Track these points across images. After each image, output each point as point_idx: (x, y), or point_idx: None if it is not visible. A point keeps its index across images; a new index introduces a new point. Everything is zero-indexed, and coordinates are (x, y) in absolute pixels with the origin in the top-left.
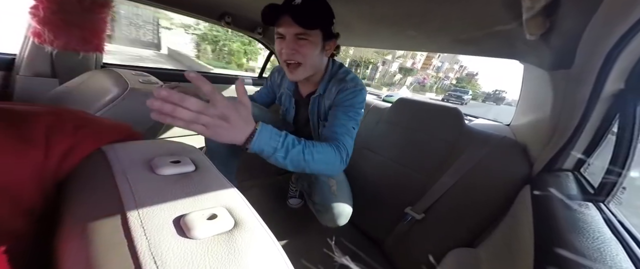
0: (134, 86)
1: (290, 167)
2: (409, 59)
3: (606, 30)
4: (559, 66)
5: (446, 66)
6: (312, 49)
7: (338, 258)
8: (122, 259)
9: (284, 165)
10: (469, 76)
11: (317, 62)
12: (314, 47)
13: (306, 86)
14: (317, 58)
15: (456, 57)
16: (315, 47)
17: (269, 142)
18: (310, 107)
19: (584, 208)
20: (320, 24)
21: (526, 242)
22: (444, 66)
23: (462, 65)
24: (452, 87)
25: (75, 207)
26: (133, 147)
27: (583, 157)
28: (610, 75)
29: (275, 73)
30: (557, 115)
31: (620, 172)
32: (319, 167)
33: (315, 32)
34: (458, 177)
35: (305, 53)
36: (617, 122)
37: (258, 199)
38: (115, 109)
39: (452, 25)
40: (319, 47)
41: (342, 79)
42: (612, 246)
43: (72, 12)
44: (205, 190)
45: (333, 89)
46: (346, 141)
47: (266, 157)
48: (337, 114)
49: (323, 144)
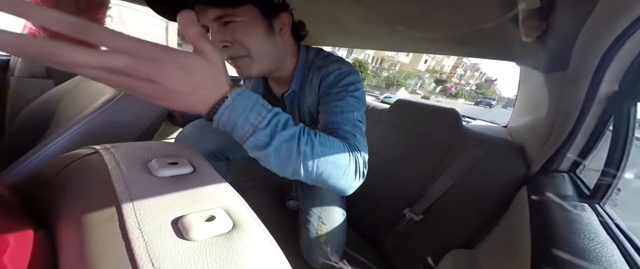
0: None
1: (275, 163)
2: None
3: (600, 33)
4: (555, 68)
5: (468, 74)
6: (251, 32)
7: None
8: (119, 262)
9: (267, 158)
10: (487, 82)
11: (269, 49)
12: (252, 30)
13: (278, 84)
14: (266, 43)
15: (476, 65)
16: (253, 29)
17: (248, 115)
18: (288, 109)
19: (580, 209)
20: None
21: (523, 243)
22: (466, 74)
23: (482, 72)
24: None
25: (72, 208)
26: (130, 148)
27: (579, 158)
28: (605, 77)
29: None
30: (554, 117)
31: (615, 173)
32: (322, 169)
33: (245, 9)
34: (456, 178)
35: (244, 41)
36: (611, 123)
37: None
38: (110, 111)
39: (448, 26)
40: (259, 26)
41: (321, 66)
42: (607, 247)
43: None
44: (203, 191)
45: (314, 80)
46: (358, 140)
47: (239, 139)
48: (331, 104)
49: (329, 135)
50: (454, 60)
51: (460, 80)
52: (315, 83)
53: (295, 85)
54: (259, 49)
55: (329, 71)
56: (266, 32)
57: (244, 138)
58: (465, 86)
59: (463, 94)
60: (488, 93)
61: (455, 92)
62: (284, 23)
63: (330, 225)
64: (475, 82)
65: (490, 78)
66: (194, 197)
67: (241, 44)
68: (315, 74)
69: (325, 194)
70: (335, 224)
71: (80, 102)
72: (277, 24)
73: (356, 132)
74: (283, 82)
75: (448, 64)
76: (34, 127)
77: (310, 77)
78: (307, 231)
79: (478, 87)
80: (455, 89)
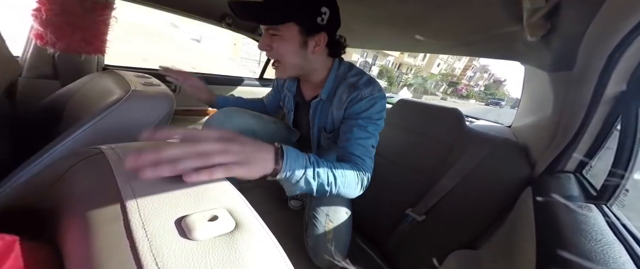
0: (136, 88)
1: (314, 190)
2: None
3: (608, 31)
4: (561, 68)
5: (477, 75)
6: (286, 46)
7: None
8: (124, 261)
9: (310, 188)
10: (496, 83)
11: (300, 62)
12: (287, 44)
13: (308, 88)
14: (297, 57)
15: (485, 67)
16: (290, 44)
17: (297, 160)
18: (311, 113)
19: (586, 210)
20: (291, 16)
21: (528, 244)
22: (475, 76)
23: (490, 73)
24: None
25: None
26: (134, 148)
27: (585, 159)
28: (612, 76)
29: None
30: (559, 117)
31: (623, 174)
32: (341, 191)
33: (287, 26)
34: (459, 178)
35: (279, 51)
36: (619, 124)
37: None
38: (117, 112)
39: (452, 26)
40: (295, 43)
41: (353, 84)
42: (615, 249)
43: (74, 14)
44: (206, 191)
45: (344, 96)
46: (366, 164)
47: (293, 182)
48: (354, 130)
49: (344, 164)
50: (464, 63)
51: (469, 81)
52: (344, 99)
53: (324, 94)
54: (289, 60)
55: (362, 95)
56: (299, 48)
57: (299, 179)
58: (474, 87)
59: (473, 95)
60: (498, 94)
61: (466, 93)
62: (319, 42)
63: (337, 224)
64: (484, 83)
65: (499, 79)
66: (196, 196)
67: (277, 53)
68: (346, 90)
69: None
70: (341, 223)
71: (87, 103)
72: (312, 42)
73: (366, 157)
74: (313, 87)
75: (459, 67)
76: (41, 128)
77: (340, 91)
78: (314, 229)
79: (487, 88)
80: (466, 90)
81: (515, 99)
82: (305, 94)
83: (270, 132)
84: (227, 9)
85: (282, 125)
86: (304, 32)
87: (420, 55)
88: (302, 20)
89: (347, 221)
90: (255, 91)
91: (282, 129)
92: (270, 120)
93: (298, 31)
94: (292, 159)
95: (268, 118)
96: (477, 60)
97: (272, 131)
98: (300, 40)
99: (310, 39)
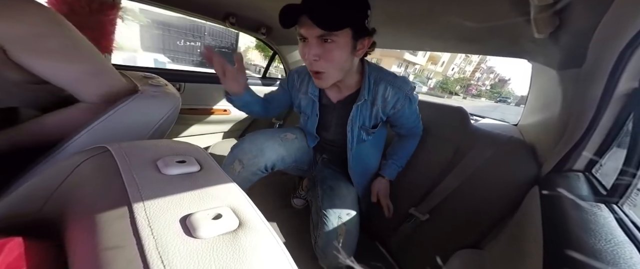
0: (142, 88)
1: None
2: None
3: (619, 27)
4: (569, 65)
5: (484, 76)
6: (340, 52)
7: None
8: (131, 259)
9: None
10: (501, 82)
11: (346, 66)
12: (341, 50)
13: (335, 91)
14: (346, 62)
15: (491, 68)
16: (344, 51)
17: (395, 171)
18: (352, 114)
19: (596, 209)
20: (349, 22)
21: (534, 243)
22: (482, 77)
23: (496, 73)
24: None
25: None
26: (139, 146)
27: (595, 157)
28: (624, 74)
29: (294, 75)
30: (567, 115)
31: (634, 173)
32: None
33: (344, 32)
34: (464, 177)
35: (332, 59)
36: (631, 122)
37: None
38: (124, 111)
39: (457, 23)
40: (348, 49)
41: (391, 81)
42: (626, 248)
43: (81, 14)
44: (210, 190)
45: (388, 95)
46: (420, 126)
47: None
48: (408, 116)
49: (409, 141)
50: (473, 66)
51: (477, 82)
52: (389, 99)
53: (366, 95)
54: (338, 67)
55: (406, 94)
56: (349, 53)
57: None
58: (481, 87)
59: (484, 94)
60: (503, 93)
61: (477, 92)
62: (364, 46)
63: (348, 226)
64: (490, 82)
65: (504, 78)
66: (201, 195)
67: (328, 61)
68: (386, 88)
69: (346, 196)
70: (352, 225)
71: None
72: (359, 46)
73: (419, 122)
74: (340, 90)
75: (469, 70)
76: None
77: (381, 90)
78: (325, 230)
79: (493, 87)
80: (476, 90)
81: (519, 97)
82: (332, 97)
83: (294, 149)
84: (231, 7)
85: (300, 135)
86: (355, 36)
87: (439, 62)
88: (356, 25)
89: (357, 222)
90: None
91: (301, 141)
92: (293, 137)
93: (351, 36)
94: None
95: (291, 135)
96: (485, 62)
97: (296, 147)
98: (352, 45)
99: (358, 43)
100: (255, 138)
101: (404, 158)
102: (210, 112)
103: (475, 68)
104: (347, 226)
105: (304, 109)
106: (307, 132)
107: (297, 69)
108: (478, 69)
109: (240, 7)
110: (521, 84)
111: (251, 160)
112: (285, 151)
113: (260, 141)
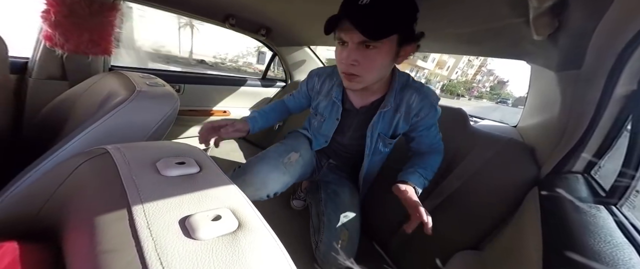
0: (141, 89)
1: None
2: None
3: (618, 29)
4: (568, 67)
5: (484, 79)
6: (381, 59)
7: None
8: (129, 260)
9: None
10: (500, 84)
11: (384, 73)
12: (383, 57)
13: (360, 96)
14: (385, 68)
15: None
16: (386, 57)
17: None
18: (374, 121)
19: (595, 211)
20: (396, 29)
21: (534, 245)
22: (483, 79)
23: (495, 76)
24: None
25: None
26: (139, 148)
27: (594, 159)
28: (622, 75)
29: (315, 78)
30: (567, 116)
31: (633, 175)
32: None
33: (389, 38)
34: (463, 179)
35: (372, 66)
36: (629, 123)
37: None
38: (123, 112)
39: (456, 25)
40: (390, 56)
41: (418, 88)
42: (625, 250)
43: (82, 15)
44: (210, 191)
45: (413, 99)
46: (441, 141)
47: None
48: (430, 129)
49: (434, 156)
50: (474, 69)
51: (478, 84)
52: (413, 106)
53: (392, 102)
54: (377, 73)
55: (432, 103)
56: (391, 60)
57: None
58: (482, 88)
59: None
60: (503, 94)
61: (478, 94)
62: (407, 52)
63: (350, 232)
64: (490, 84)
65: (502, 80)
66: (200, 196)
67: (366, 68)
68: (412, 95)
69: (349, 201)
70: (354, 231)
71: (93, 103)
72: (402, 53)
73: (439, 139)
74: (365, 95)
75: (471, 72)
76: (50, 128)
77: (408, 96)
78: (328, 234)
79: (492, 89)
80: (477, 91)
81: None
82: (355, 102)
83: (299, 168)
84: (231, 9)
85: (304, 148)
86: (400, 42)
87: (444, 67)
88: (403, 31)
89: (359, 228)
90: (258, 91)
91: (306, 154)
92: (297, 156)
93: (396, 42)
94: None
95: (295, 155)
96: (485, 66)
97: (301, 165)
98: (395, 51)
99: (402, 49)
100: (259, 170)
101: (429, 170)
102: (209, 113)
103: (476, 71)
104: (350, 232)
105: (322, 111)
106: (319, 134)
107: (317, 70)
108: (479, 72)
109: (240, 8)
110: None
111: (253, 193)
112: (289, 178)
113: (263, 173)
